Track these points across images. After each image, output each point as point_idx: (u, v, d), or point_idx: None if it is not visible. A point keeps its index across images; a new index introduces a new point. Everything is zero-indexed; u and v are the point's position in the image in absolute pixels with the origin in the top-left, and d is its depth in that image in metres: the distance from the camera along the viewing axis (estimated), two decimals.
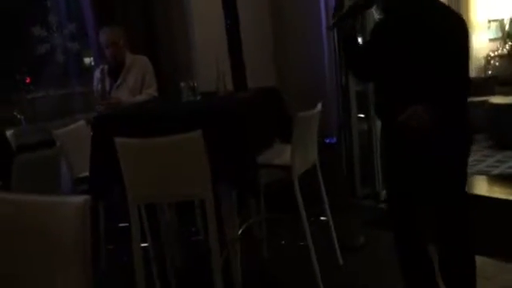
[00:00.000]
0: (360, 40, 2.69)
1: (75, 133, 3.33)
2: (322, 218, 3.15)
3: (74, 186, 3.24)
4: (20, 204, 1.43)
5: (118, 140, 2.50)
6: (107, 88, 3.56)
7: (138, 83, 3.59)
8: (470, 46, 2.25)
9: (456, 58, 2.14)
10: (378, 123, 4.01)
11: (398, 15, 2.26)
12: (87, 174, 2.91)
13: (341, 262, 3.17)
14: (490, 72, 6.46)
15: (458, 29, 2.18)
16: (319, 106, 3.04)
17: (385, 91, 2.33)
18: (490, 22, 6.52)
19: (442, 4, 2.34)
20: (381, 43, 2.32)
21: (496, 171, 4.41)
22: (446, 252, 2.32)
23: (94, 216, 1.50)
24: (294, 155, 2.77)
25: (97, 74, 3.65)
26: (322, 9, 4.12)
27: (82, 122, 3.46)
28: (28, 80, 4.21)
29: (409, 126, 2.06)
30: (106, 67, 3.59)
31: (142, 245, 2.75)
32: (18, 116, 3.97)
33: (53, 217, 1.37)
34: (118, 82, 3.59)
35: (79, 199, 1.36)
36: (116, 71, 3.60)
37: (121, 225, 3.29)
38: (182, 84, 3.10)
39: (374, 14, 3.78)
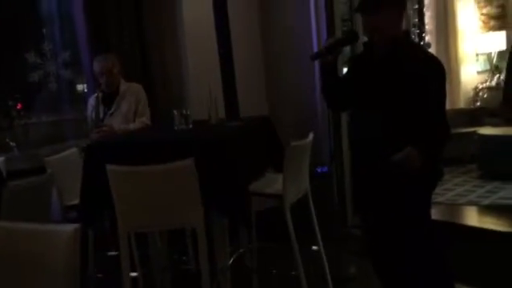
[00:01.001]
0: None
1: (66, 160, 3.32)
2: (314, 248, 3.13)
3: (63, 213, 3.21)
4: (10, 232, 1.42)
5: (110, 167, 2.50)
6: (101, 115, 3.56)
7: (131, 111, 3.60)
8: (445, 92, 2.26)
9: (429, 104, 2.15)
10: None
11: (375, 53, 2.30)
12: (77, 201, 2.89)
13: None
14: (478, 103, 6.57)
15: (433, 75, 2.19)
16: (311, 136, 3.06)
17: (356, 126, 2.38)
18: (477, 55, 6.67)
19: (421, 48, 2.40)
20: (355, 78, 2.37)
21: (486, 202, 4.43)
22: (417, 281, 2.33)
23: (83, 244, 1.49)
24: (286, 184, 2.78)
25: (91, 101, 3.66)
26: (314, 40, 4.19)
27: (73, 150, 3.45)
28: (19, 106, 4.21)
29: (400, 166, 2.09)
30: (100, 94, 3.60)
31: (132, 274, 2.71)
32: (10, 142, 3.95)
33: (43, 245, 1.36)
34: (112, 109, 3.59)
35: (69, 228, 1.35)
36: (110, 99, 3.61)
37: (110, 253, 3.25)
38: (175, 112, 3.12)
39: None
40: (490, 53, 6.55)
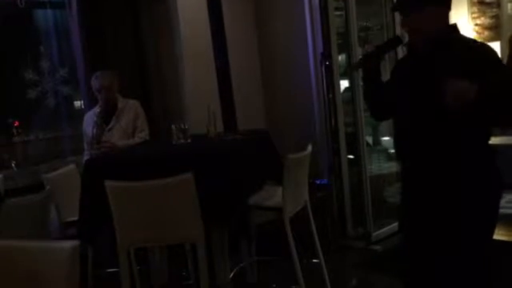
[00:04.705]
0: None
1: (65, 176, 3.31)
2: (315, 261, 3.12)
3: (62, 230, 3.19)
4: (8, 249, 1.41)
5: (108, 183, 2.49)
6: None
7: (129, 127, 3.60)
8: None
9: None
10: (368, 164, 4.06)
11: (418, 54, 2.14)
12: (76, 218, 2.88)
13: None
14: None
15: (487, 58, 1.94)
16: (309, 148, 3.06)
17: (399, 133, 2.20)
18: None
19: (466, 40, 2.10)
20: (396, 82, 2.24)
21: None
22: None
23: (82, 261, 1.48)
24: (286, 197, 2.77)
25: (88, 117, 3.65)
26: (310, 53, 4.21)
27: (72, 166, 3.45)
28: (16, 123, 4.21)
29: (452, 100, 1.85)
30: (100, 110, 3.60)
31: None
32: (8, 159, 3.95)
33: (41, 262, 1.35)
34: (110, 125, 3.59)
35: (68, 244, 1.34)
36: (108, 115, 3.61)
37: (109, 270, 3.23)
38: (173, 126, 3.12)
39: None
40: None
